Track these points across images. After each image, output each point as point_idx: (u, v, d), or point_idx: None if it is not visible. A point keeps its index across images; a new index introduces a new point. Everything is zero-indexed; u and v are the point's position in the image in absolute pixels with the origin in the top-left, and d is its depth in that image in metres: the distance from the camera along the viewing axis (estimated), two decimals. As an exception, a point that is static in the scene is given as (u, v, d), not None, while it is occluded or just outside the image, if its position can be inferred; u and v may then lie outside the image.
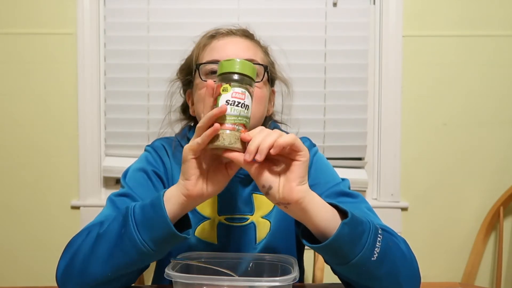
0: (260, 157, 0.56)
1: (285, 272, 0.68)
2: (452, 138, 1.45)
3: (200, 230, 0.83)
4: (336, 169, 0.90)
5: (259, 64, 0.80)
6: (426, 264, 1.42)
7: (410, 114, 1.44)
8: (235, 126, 0.59)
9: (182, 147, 0.86)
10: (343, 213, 0.62)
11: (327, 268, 1.11)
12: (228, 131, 0.58)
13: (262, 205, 0.84)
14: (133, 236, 0.61)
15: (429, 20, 1.43)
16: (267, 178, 0.60)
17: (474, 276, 1.43)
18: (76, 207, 1.43)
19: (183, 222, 0.66)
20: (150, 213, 0.62)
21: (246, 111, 0.60)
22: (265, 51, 0.88)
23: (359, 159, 1.47)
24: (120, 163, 1.42)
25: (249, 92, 0.60)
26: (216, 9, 1.41)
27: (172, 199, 0.62)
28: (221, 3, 1.42)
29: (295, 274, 0.60)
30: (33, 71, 1.42)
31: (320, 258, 1.10)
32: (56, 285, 0.69)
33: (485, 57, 1.43)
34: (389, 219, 1.42)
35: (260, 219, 0.84)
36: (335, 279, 0.76)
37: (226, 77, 0.60)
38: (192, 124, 0.93)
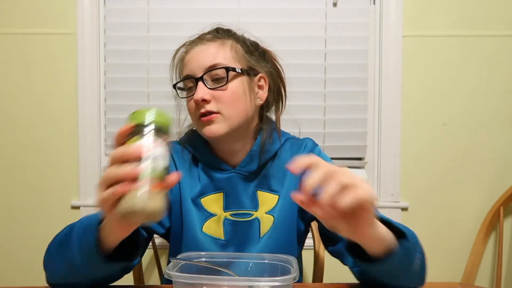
0: (335, 212, 0.54)
1: (285, 272, 0.68)
2: (452, 138, 1.45)
3: (207, 226, 0.85)
4: (336, 169, 0.91)
5: (220, 68, 0.80)
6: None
7: (410, 114, 1.44)
8: (146, 184, 0.52)
9: (186, 148, 0.88)
10: (395, 231, 0.64)
11: (327, 268, 1.11)
12: (139, 193, 0.51)
13: (266, 201, 0.86)
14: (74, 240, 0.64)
15: (429, 20, 1.43)
16: (333, 220, 0.58)
17: (474, 276, 1.43)
18: (76, 207, 1.44)
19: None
20: (87, 227, 0.64)
21: (157, 164, 0.54)
22: (235, 40, 0.86)
23: (359, 159, 1.47)
24: (120, 163, 1.42)
25: (162, 139, 0.55)
26: (216, 9, 1.41)
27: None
28: (221, 3, 1.42)
29: (295, 274, 0.60)
30: (33, 71, 1.42)
31: (320, 258, 1.10)
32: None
33: (485, 57, 1.43)
34: (389, 219, 1.42)
35: (264, 214, 0.86)
36: (335, 279, 0.76)
37: (136, 130, 0.55)
38: (194, 128, 0.93)
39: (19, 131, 1.43)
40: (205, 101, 0.80)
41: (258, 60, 0.87)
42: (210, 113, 0.80)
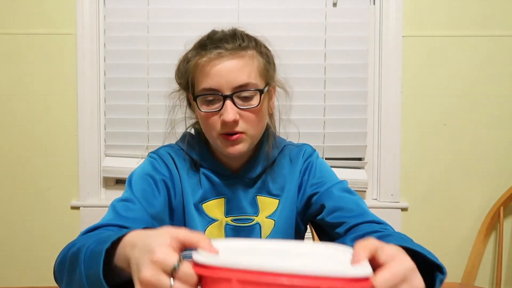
0: None
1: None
2: (452, 138, 1.45)
3: (209, 232, 0.85)
4: (336, 169, 0.94)
5: (253, 90, 0.77)
6: (426, 264, 1.42)
7: (410, 114, 1.44)
8: None
9: (186, 153, 0.86)
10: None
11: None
12: None
13: (266, 206, 0.87)
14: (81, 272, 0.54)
15: (429, 20, 1.43)
16: None
17: (474, 276, 1.43)
18: (76, 207, 1.43)
19: None
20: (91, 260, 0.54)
21: None
22: (259, 53, 0.82)
23: (359, 159, 1.47)
24: (120, 163, 1.42)
25: None
26: (216, 9, 1.41)
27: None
28: (221, 3, 1.42)
29: None
30: (33, 71, 1.42)
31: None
32: (56, 284, 0.69)
33: (485, 57, 1.43)
34: (389, 219, 1.42)
35: (265, 219, 0.86)
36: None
37: None
38: (193, 132, 0.91)
39: (19, 131, 1.43)
40: (235, 122, 0.76)
41: (273, 71, 0.85)
42: (237, 132, 0.77)
